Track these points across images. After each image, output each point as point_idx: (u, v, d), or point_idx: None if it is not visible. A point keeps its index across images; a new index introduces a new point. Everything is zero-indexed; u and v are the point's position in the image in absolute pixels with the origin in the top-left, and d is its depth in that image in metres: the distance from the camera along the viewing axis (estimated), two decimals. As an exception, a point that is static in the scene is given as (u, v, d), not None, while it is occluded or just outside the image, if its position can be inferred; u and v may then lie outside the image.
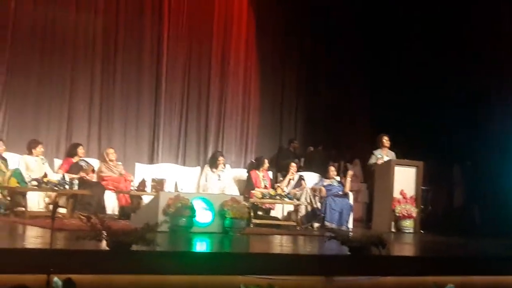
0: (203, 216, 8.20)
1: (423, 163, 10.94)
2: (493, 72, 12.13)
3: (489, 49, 12.05)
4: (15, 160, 9.87)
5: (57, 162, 10.51)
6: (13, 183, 9.00)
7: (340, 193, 10.75)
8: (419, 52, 13.02)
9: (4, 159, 9.76)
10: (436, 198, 12.33)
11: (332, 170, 11.09)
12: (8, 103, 11.01)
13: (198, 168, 11.82)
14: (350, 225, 10.69)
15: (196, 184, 11.13)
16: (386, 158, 11.10)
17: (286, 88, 14.14)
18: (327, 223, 10.29)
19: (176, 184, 9.63)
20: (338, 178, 11.13)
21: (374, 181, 11.14)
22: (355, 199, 11.45)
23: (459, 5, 12.32)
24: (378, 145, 11.35)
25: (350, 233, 9.10)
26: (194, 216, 8.02)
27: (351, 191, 11.09)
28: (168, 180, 9.78)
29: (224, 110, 13.32)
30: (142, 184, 9.68)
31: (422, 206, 11.09)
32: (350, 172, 11.29)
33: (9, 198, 9.14)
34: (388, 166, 10.84)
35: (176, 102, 12.78)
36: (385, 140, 11.33)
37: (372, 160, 11.29)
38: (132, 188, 9.91)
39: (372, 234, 6.56)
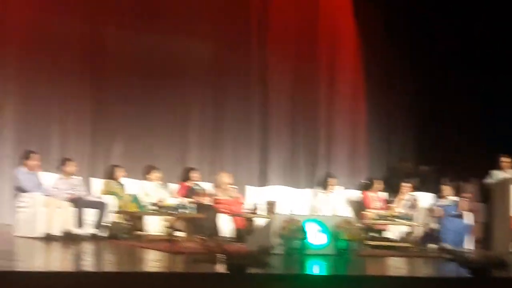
0: (317, 238, 8.19)
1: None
2: None
3: None
4: (133, 185, 10.20)
5: (173, 186, 10.78)
6: (133, 207, 9.31)
7: (457, 213, 10.46)
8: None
9: (121, 184, 10.12)
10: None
11: (447, 189, 10.80)
12: (125, 131, 11.43)
13: (309, 189, 11.83)
14: (468, 246, 10.37)
15: (308, 206, 11.13)
16: (505, 179, 10.73)
17: (396, 107, 13.96)
18: (443, 244, 10.02)
19: (288, 206, 9.68)
20: (454, 198, 10.84)
21: (492, 200, 10.78)
22: (472, 219, 11.10)
23: None
24: (498, 166, 10.98)
25: (469, 254, 8.82)
26: (308, 238, 8.03)
27: (468, 211, 10.77)
28: (280, 202, 9.84)
29: (333, 131, 13.29)
30: (255, 206, 9.77)
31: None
32: (467, 193, 10.96)
33: (129, 223, 9.46)
34: (505, 185, 10.47)
35: (284, 124, 12.88)
36: (505, 161, 10.95)
37: (489, 180, 10.94)
38: (245, 210, 10.02)
39: (492, 255, 6.35)
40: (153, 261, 7.04)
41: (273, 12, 12.83)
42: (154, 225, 9.67)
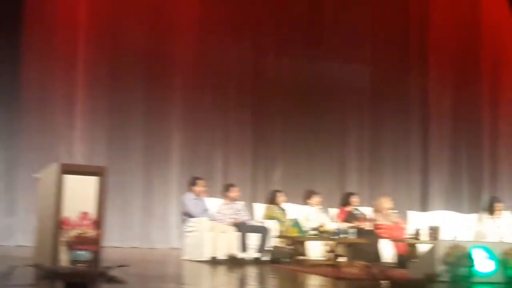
0: (485, 265, 7.88)
1: None
2: None
3: None
4: (294, 210, 10.32)
5: (332, 211, 10.81)
6: (294, 232, 9.43)
7: None
8: None
9: (282, 209, 10.28)
10: None
11: None
12: (285, 156, 11.65)
13: (473, 214, 11.44)
14: None
15: (472, 231, 10.76)
16: None
17: None
18: None
19: (451, 232, 9.40)
20: None
21: None
22: None
23: None
24: None
25: None
26: (474, 266, 7.75)
27: None
28: (443, 227, 9.57)
29: (498, 153, 12.83)
30: (417, 232, 9.57)
31: None
32: None
33: (291, 247, 9.58)
34: None
35: (446, 147, 12.60)
36: None
37: None
38: (407, 236, 9.84)
39: None
40: (315, 286, 7.08)
41: (433, 33, 12.65)
42: (315, 250, 9.72)
